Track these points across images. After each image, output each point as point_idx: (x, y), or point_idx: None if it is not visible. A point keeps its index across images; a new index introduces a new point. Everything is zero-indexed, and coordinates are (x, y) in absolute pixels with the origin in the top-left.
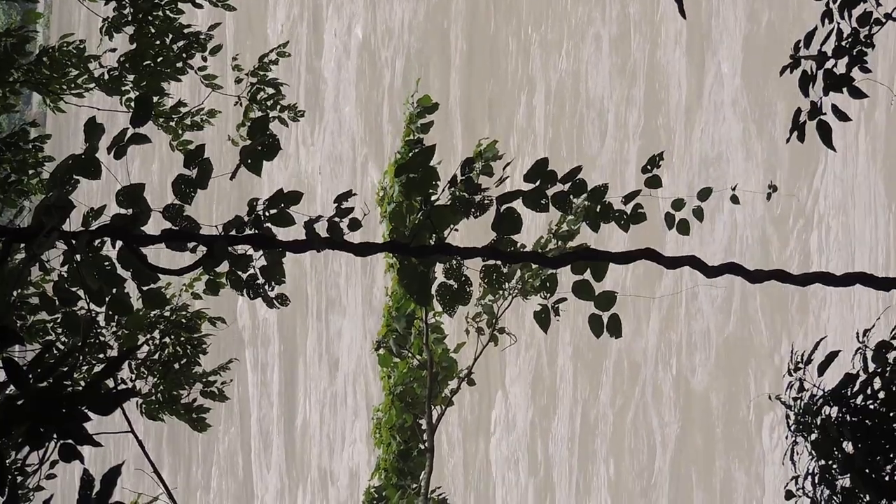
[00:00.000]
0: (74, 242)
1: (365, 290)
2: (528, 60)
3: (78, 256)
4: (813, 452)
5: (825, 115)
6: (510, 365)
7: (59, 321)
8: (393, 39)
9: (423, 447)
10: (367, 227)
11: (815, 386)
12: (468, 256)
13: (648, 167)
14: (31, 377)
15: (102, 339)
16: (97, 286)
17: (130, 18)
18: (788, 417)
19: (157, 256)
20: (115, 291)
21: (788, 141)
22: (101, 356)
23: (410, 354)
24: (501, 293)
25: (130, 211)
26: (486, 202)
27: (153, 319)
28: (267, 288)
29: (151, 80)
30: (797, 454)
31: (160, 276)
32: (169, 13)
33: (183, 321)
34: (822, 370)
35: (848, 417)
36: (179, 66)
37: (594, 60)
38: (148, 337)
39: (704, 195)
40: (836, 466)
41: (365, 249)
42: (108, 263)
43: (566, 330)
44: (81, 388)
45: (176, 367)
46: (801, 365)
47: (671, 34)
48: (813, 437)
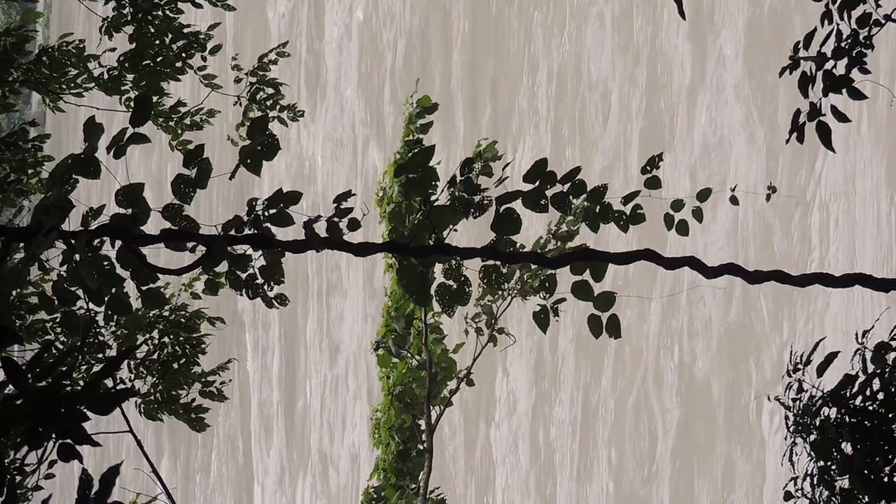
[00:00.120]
0: (73, 242)
1: (366, 273)
2: (530, 41)
3: (77, 256)
4: (812, 453)
5: (824, 116)
6: (512, 349)
7: (58, 321)
8: (395, 20)
9: (421, 447)
10: (366, 224)
11: (814, 387)
12: (467, 257)
13: (648, 168)
14: (29, 377)
15: (101, 338)
16: (96, 286)
17: (130, 18)
18: (787, 418)
19: (156, 256)
20: (114, 291)
21: (788, 142)
22: (100, 356)
23: (409, 355)
24: (501, 293)
25: (130, 211)
26: (485, 203)
27: (152, 319)
28: (266, 288)
29: (151, 79)
30: (796, 455)
31: (159, 275)
32: (168, 13)
33: (182, 321)
34: (821, 371)
35: (847, 418)
36: (179, 65)
37: (597, 41)
38: (147, 337)
39: (704, 196)
40: (834, 467)
41: (364, 249)
42: (107, 263)
43: (567, 314)
44: (80, 387)
45: (175, 366)
46: (800, 366)
47: (674, 16)
48: (812, 438)
